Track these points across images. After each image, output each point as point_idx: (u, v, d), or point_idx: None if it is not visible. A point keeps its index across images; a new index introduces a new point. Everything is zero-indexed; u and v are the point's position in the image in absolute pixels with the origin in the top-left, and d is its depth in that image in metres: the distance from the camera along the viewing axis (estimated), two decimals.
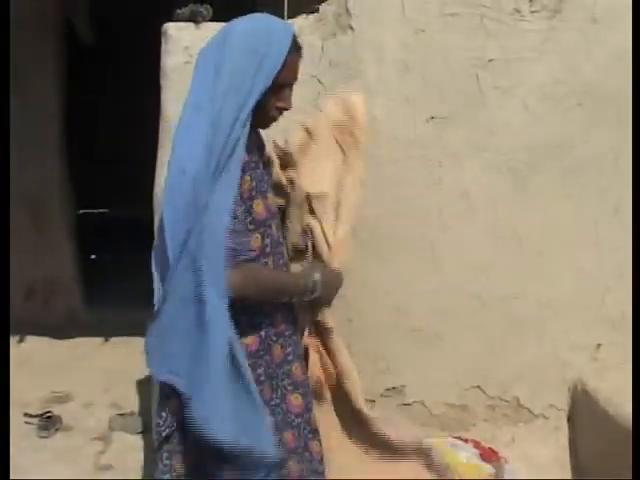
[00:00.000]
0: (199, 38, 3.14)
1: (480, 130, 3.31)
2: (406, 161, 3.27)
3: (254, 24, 2.32)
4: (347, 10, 3.21)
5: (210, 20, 3.21)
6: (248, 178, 2.32)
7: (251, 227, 2.34)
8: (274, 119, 2.42)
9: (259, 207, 2.37)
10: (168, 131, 3.19)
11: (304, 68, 3.13)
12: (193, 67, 3.07)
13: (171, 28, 3.19)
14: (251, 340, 2.41)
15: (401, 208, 3.27)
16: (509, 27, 3.28)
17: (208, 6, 3.21)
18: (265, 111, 2.33)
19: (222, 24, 3.15)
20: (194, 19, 3.19)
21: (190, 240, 2.18)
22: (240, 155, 2.23)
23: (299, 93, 3.14)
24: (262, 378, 2.43)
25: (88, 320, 6.12)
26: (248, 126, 2.25)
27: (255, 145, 2.46)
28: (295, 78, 2.41)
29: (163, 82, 3.21)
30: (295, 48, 2.35)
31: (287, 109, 2.41)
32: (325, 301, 2.63)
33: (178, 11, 3.23)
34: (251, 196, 2.34)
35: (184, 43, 3.16)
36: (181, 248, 2.20)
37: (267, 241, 2.42)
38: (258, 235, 2.37)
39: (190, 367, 2.23)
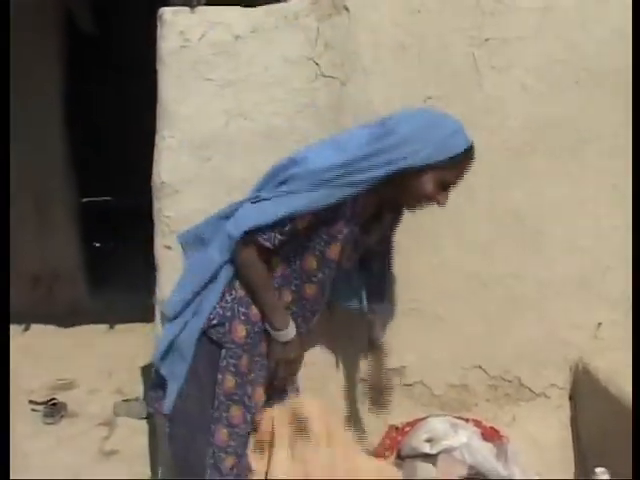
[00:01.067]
0: (194, 22, 3.17)
1: (477, 110, 3.30)
2: None
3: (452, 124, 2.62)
4: None
5: (205, 4, 3.21)
6: (343, 222, 2.58)
7: (317, 254, 2.62)
8: (418, 205, 2.64)
9: (335, 249, 2.62)
10: (165, 116, 3.20)
11: (301, 50, 3.18)
12: (188, 52, 3.13)
13: (166, 13, 3.18)
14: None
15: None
16: (505, 6, 3.26)
17: None
18: (413, 194, 2.57)
19: (217, 8, 3.19)
20: (189, 3, 3.18)
21: None
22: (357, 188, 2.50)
23: (295, 74, 3.18)
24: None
25: (92, 308, 6.14)
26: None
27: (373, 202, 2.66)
28: (457, 182, 2.62)
29: (159, 67, 3.20)
30: (470, 158, 2.61)
31: (440, 205, 2.63)
32: (275, 356, 2.75)
33: None
34: (336, 237, 2.59)
35: (179, 27, 3.15)
36: None
37: (319, 274, 2.67)
38: (315, 262, 2.64)
39: None
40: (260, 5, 3.27)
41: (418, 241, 3.34)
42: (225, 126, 3.16)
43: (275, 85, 3.17)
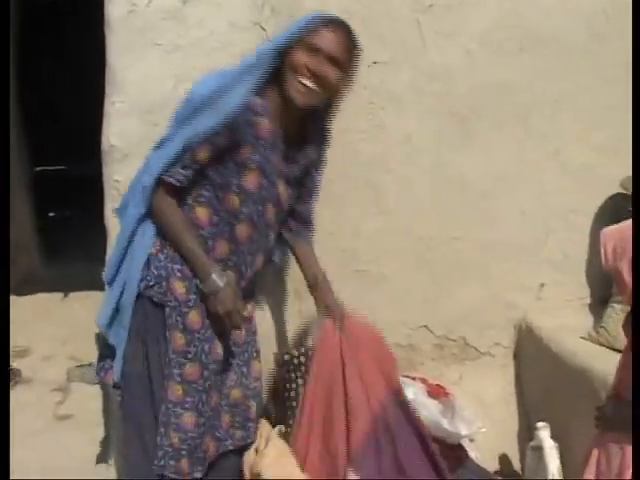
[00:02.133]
0: None
1: (423, 75, 3.37)
2: (349, 107, 3.27)
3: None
4: None
5: None
6: (249, 147, 2.54)
7: (235, 189, 2.58)
8: (301, 83, 2.56)
9: (252, 179, 2.59)
10: (113, 81, 3.22)
11: (247, 15, 3.20)
12: (136, 17, 3.14)
13: None
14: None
15: (345, 153, 3.30)
16: None
17: None
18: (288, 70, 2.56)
19: None
20: None
21: None
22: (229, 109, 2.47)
23: (242, 38, 3.21)
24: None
25: (47, 276, 6.12)
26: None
27: (292, 134, 2.68)
28: (328, 48, 2.56)
29: (107, 32, 3.21)
30: (335, 23, 2.58)
31: (316, 74, 2.56)
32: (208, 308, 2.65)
33: None
34: (245, 164, 2.56)
35: None
36: None
37: (244, 210, 2.62)
38: (237, 199, 2.59)
39: None
40: None
41: (364, 203, 3.41)
42: (173, 91, 3.17)
43: (222, 50, 3.19)
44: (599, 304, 3.49)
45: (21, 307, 5.57)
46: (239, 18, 3.21)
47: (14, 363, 4.63)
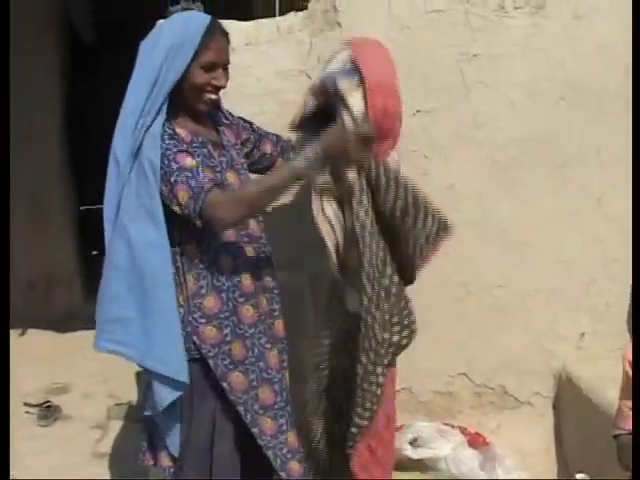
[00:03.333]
0: None
1: (465, 124, 3.40)
2: None
3: (173, 21, 2.64)
4: (334, 7, 3.30)
5: None
6: (187, 155, 2.49)
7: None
8: (208, 98, 2.59)
9: (230, 176, 2.60)
10: None
11: (294, 64, 3.25)
12: None
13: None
14: (211, 302, 2.55)
15: None
16: (493, 23, 3.36)
17: (199, 3, 3.28)
18: (193, 91, 2.55)
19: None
20: None
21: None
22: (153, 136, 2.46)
23: (289, 88, 3.26)
24: (229, 338, 2.56)
25: (88, 313, 6.17)
26: (163, 110, 2.49)
27: (205, 127, 2.66)
28: (221, 59, 2.58)
29: None
30: (213, 31, 2.56)
31: (220, 87, 2.60)
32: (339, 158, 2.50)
33: (171, 8, 3.30)
34: (213, 167, 2.55)
35: None
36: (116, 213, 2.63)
37: None
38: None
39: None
40: (255, 19, 3.36)
41: None
42: None
43: (268, 97, 3.27)
44: None
45: (62, 343, 5.66)
46: (285, 66, 3.27)
47: (54, 399, 4.69)
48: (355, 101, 2.51)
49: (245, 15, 3.45)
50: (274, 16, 3.45)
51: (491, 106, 3.41)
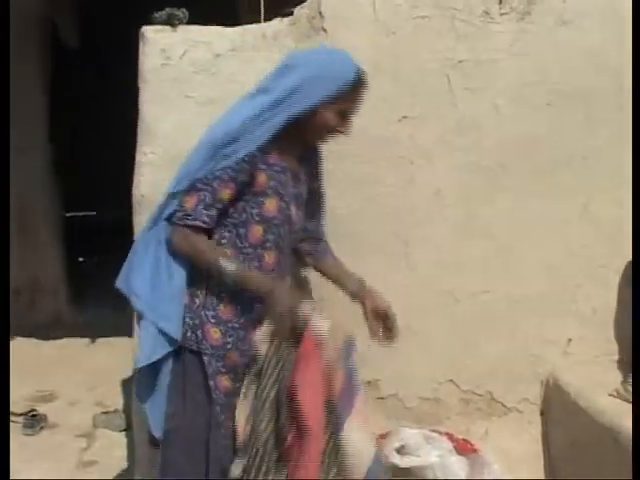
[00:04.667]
0: (176, 41, 3.24)
1: (451, 129, 3.39)
2: (379, 160, 3.34)
3: (322, 53, 2.69)
4: (320, 13, 3.29)
5: (187, 23, 3.27)
6: (264, 176, 2.56)
7: (257, 218, 2.60)
8: (326, 139, 2.69)
9: (271, 205, 2.60)
10: (146, 132, 3.27)
11: None
12: (170, 69, 3.20)
13: (149, 31, 3.25)
14: (227, 310, 2.64)
15: (374, 206, 3.33)
16: (479, 29, 3.36)
17: (185, 10, 3.28)
18: (318, 128, 2.60)
19: (199, 27, 3.26)
20: (171, 22, 3.25)
21: None
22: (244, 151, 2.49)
23: None
24: (229, 346, 2.64)
25: (74, 321, 6.17)
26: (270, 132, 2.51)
27: (292, 154, 2.66)
28: (356, 109, 2.62)
29: (141, 84, 3.27)
30: (361, 83, 2.60)
31: (344, 134, 2.64)
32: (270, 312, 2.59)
33: (155, 14, 3.29)
34: (264, 192, 2.58)
35: (161, 46, 3.22)
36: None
37: (269, 237, 2.63)
38: (260, 228, 2.61)
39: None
40: (240, 25, 3.35)
41: (392, 257, 3.42)
42: None
43: None
44: (627, 360, 3.47)
45: (47, 351, 5.64)
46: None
47: (39, 408, 4.65)
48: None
49: (230, 21, 3.43)
50: (259, 22, 3.44)
51: (477, 112, 3.41)
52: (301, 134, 2.62)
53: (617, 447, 3.00)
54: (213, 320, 2.62)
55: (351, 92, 2.56)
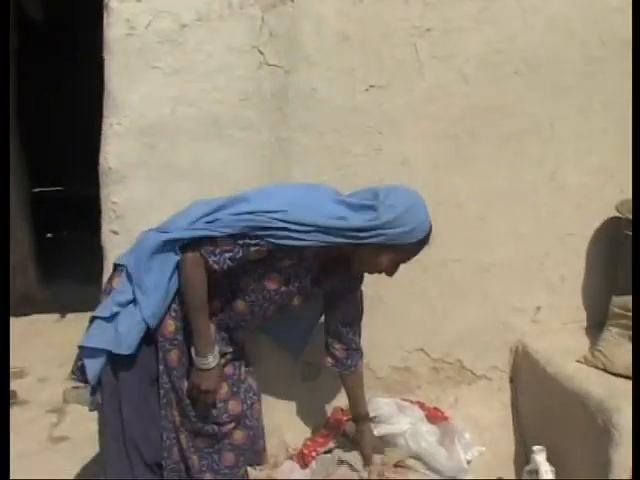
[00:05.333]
0: (140, 10, 3.20)
1: (419, 98, 3.38)
2: (346, 130, 3.32)
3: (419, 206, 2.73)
4: None
5: None
6: (289, 262, 2.69)
7: (256, 277, 2.73)
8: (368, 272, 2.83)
9: (274, 281, 2.74)
10: (112, 103, 3.23)
11: (245, 39, 3.22)
12: (135, 40, 3.16)
13: (113, 1, 3.20)
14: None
15: (342, 176, 3.31)
16: None
17: None
18: (369, 266, 2.76)
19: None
20: None
21: None
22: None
23: (240, 62, 3.23)
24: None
25: (43, 297, 6.14)
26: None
27: (321, 266, 2.79)
28: (408, 260, 2.78)
29: (106, 55, 3.23)
30: (426, 242, 2.72)
31: (384, 273, 2.78)
32: (192, 380, 2.77)
33: None
34: (279, 270, 2.71)
35: (125, 15, 3.18)
36: None
37: (253, 296, 2.78)
38: (252, 284, 2.75)
39: None
40: None
41: None
42: (171, 113, 3.21)
43: (220, 73, 3.22)
44: (595, 327, 3.49)
45: (17, 328, 5.55)
46: (237, 42, 3.23)
47: (10, 384, 4.62)
48: None
49: None
50: None
51: (445, 80, 3.40)
52: (350, 259, 2.73)
53: (585, 412, 3.04)
54: (173, 313, 2.74)
55: (415, 249, 2.70)
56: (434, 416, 3.38)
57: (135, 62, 3.21)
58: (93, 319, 2.80)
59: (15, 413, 4.36)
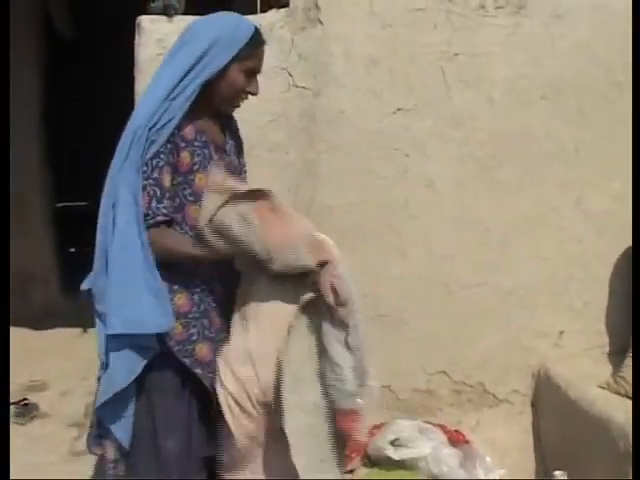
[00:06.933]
0: (172, 30, 3.21)
1: (446, 122, 3.41)
2: (373, 152, 3.35)
3: (218, 18, 2.60)
4: (316, 4, 3.30)
5: (183, 13, 3.28)
6: (186, 153, 2.50)
7: (190, 198, 2.51)
8: (238, 102, 2.63)
9: (201, 181, 2.51)
10: None
11: (275, 61, 3.25)
12: None
13: (144, 21, 3.26)
14: (183, 301, 2.52)
15: (369, 198, 3.35)
16: (474, 22, 3.38)
17: None
18: (228, 92, 2.56)
19: (195, 17, 3.25)
20: (167, 12, 3.25)
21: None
22: (167, 130, 2.45)
23: (270, 84, 3.24)
24: (194, 338, 2.52)
25: (66, 311, 6.16)
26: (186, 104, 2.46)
27: (212, 127, 2.62)
28: (260, 68, 2.60)
29: (136, 74, 3.27)
30: (260, 40, 2.56)
31: (254, 94, 2.61)
32: None
33: (152, 4, 3.30)
34: (191, 170, 2.51)
35: (157, 35, 3.23)
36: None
37: None
38: (197, 206, 2.49)
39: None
40: None
41: (386, 249, 3.43)
42: None
43: None
44: (618, 353, 3.49)
45: (39, 341, 5.63)
46: (266, 63, 3.22)
47: (31, 397, 4.65)
48: None
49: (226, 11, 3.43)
50: (255, 13, 3.44)
51: (471, 104, 3.42)
52: (213, 102, 2.57)
53: (607, 437, 3.03)
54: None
55: (252, 50, 2.56)
56: (455, 439, 3.38)
57: None
58: None
59: (36, 426, 4.39)
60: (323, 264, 2.38)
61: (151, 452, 2.55)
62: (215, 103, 2.58)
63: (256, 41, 2.57)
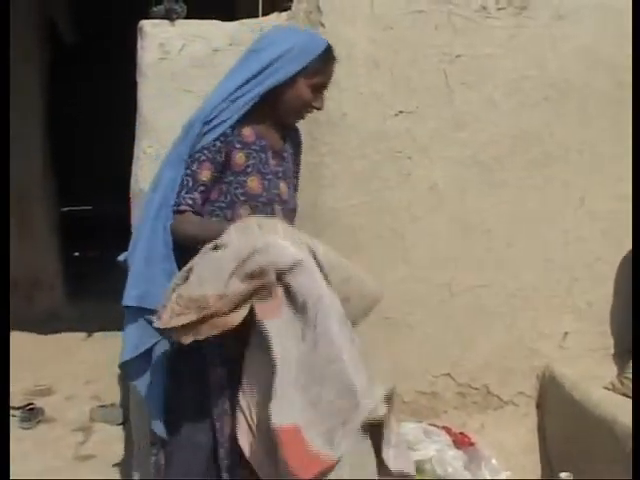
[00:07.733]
0: (174, 35, 3.24)
1: (448, 124, 3.40)
2: (375, 155, 3.34)
3: (296, 30, 2.83)
4: (318, 7, 3.29)
5: (185, 17, 3.28)
6: (241, 154, 2.62)
7: (242, 198, 2.62)
8: (302, 115, 2.75)
9: (253, 183, 2.63)
10: (144, 126, 3.27)
11: None
12: (168, 64, 3.20)
13: (147, 25, 3.25)
14: None
15: (371, 201, 3.34)
16: (476, 24, 3.37)
17: (183, 3, 3.28)
18: (294, 103, 2.66)
19: (197, 21, 3.27)
20: (169, 16, 3.25)
21: None
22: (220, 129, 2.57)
23: None
24: None
25: (71, 315, 6.18)
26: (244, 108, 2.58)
27: (273, 134, 2.72)
28: (328, 84, 2.73)
29: (139, 78, 3.27)
30: (331, 57, 2.69)
31: (319, 109, 2.74)
32: None
33: (154, 8, 3.30)
34: (245, 171, 2.62)
35: (159, 40, 3.22)
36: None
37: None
38: (247, 207, 2.62)
39: None
40: (238, 19, 3.35)
41: (389, 251, 3.42)
42: None
43: None
44: (623, 354, 3.48)
45: (44, 345, 5.64)
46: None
47: (37, 401, 4.67)
48: None
49: (228, 15, 3.44)
50: (257, 16, 3.45)
51: (474, 106, 3.42)
52: (277, 111, 2.67)
53: (613, 439, 3.02)
54: None
55: (322, 65, 2.64)
56: (460, 441, 3.37)
57: (168, 86, 3.25)
58: None
59: (42, 431, 4.40)
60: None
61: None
62: (279, 112, 2.68)
63: (327, 57, 2.66)
